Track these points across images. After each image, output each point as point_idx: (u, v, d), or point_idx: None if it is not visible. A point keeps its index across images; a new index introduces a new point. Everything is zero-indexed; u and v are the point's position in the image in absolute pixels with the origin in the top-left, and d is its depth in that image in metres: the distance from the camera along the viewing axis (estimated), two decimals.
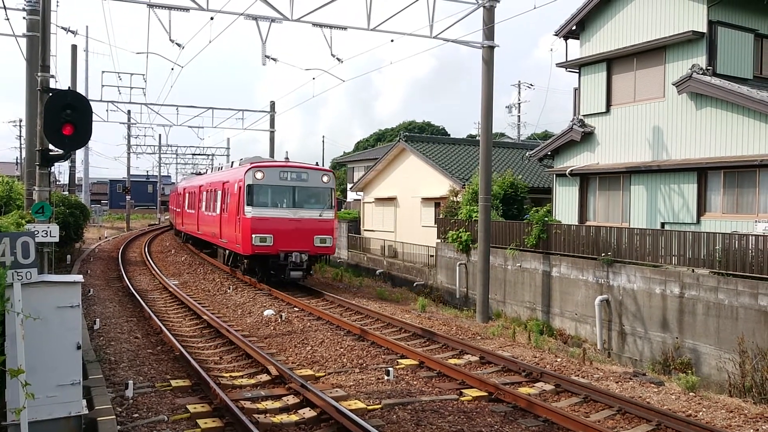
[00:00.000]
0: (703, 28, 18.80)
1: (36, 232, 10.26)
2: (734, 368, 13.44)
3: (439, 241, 25.82)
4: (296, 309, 16.65)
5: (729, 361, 13.81)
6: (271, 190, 19.80)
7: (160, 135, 62.58)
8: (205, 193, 27.99)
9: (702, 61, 18.76)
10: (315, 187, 20.23)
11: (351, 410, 8.39)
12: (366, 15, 17.43)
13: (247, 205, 19.44)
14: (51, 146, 10.70)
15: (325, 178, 20.34)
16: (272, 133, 39.44)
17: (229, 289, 20.23)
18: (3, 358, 5.96)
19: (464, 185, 27.06)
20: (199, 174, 40.68)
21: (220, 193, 23.91)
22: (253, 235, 19.15)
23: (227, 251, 23.53)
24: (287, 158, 22.23)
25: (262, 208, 19.51)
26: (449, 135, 64.15)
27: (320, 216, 19.96)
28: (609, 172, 21.60)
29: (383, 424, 8.30)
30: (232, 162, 26.18)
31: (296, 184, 19.91)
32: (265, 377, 10.27)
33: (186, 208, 34.68)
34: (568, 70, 23.62)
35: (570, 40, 23.36)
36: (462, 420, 8.61)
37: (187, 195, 34.79)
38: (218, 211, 23.94)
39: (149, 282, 21.92)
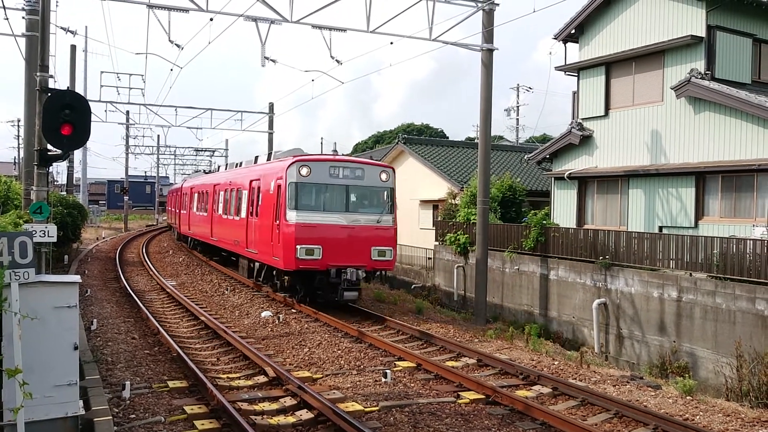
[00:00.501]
0: (701, 32, 18.84)
1: (34, 232, 10.26)
2: (731, 372, 13.45)
3: (437, 243, 25.83)
4: (293, 311, 16.63)
5: (726, 365, 13.81)
6: (320, 191, 16.30)
7: (158, 136, 62.41)
8: (222, 193, 24.12)
9: (700, 65, 18.81)
10: (372, 186, 16.72)
11: (348, 412, 8.39)
12: (365, 17, 17.45)
13: (291, 208, 15.84)
14: (49, 146, 10.68)
15: (383, 176, 16.86)
16: (271, 134, 39.44)
17: (227, 290, 20.20)
18: (0, 358, 5.95)
19: (462, 188, 27.08)
20: (207, 172, 36.75)
21: (245, 193, 20.18)
22: (298, 247, 15.46)
23: (256, 264, 19.57)
24: (336, 151, 18.52)
25: (309, 212, 15.88)
26: (448, 137, 64.18)
27: (379, 222, 16.44)
28: (607, 176, 21.62)
29: (380, 426, 8.29)
30: (257, 157, 22.23)
31: (350, 183, 16.37)
32: (262, 378, 10.25)
33: (194, 210, 30.65)
34: (567, 73, 23.66)
35: (569, 44, 23.40)
36: (459, 423, 8.60)
37: (195, 195, 30.99)
38: (243, 214, 20.24)
39: (147, 283, 21.89)
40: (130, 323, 14.74)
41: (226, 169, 28.05)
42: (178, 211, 37.90)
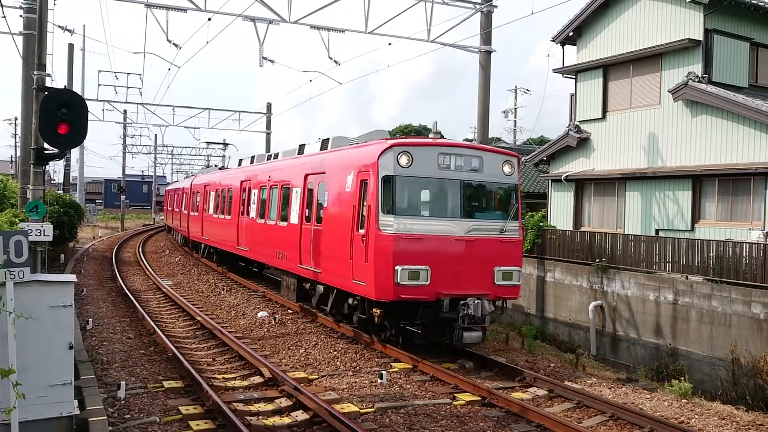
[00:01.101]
0: (699, 36, 18.89)
1: (29, 231, 10.22)
2: (727, 375, 13.47)
3: None
4: (290, 311, 16.61)
5: (722, 368, 13.84)
6: (426, 188, 11.96)
7: (156, 135, 62.53)
8: (255, 192, 19.55)
9: (698, 68, 18.85)
10: (493, 181, 12.33)
11: (344, 413, 8.37)
12: (364, 18, 17.45)
13: (386, 212, 11.32)
14: (46, 145, 10.66)
15: (507, 168, 12.39)
16: (268, 134, 39.42)
17: (223, 290, 20.17)
18: None
19: None
20: (223, 168, 32.25)
21: (298, 191, 15.60)
22: (399, 268, 10.97)
23: (319, 287, 14.64)
24: (439, 132, 13.24)
25: (412, 218, 11.41)
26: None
27: (503, 232, 12.01)
28: (604, 178, 21.66)
29: (376, 428, 8.28)
30: (302, 145, 17.43)
31: (465, 177, 11.96)
32: (258, 379, 10.23)
33: (211, 211, 25.64)
34: (565, 75, 23.70)
35: (567, 46, 23.45)
36: (455, 424, 8.60)
37: (212, 194, 26.00)
38: (294, 219, 15.53)
39: (143, 282, 21.85)
40: (126, 323, 14.71)
41: (252, 162, 22.63)
42: (186, 212, 32.22)
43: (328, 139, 15.61)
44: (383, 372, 10.61)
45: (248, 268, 23.08)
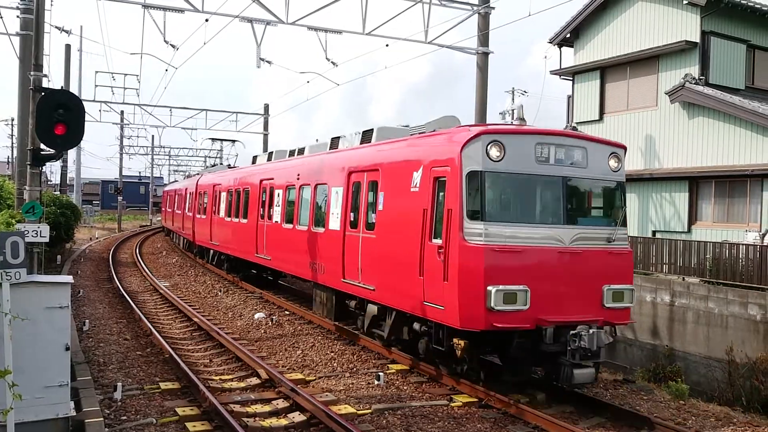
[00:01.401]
0: (696, 38, 18.94)
1: (26, 232, 10.20)
2: (723, 376, 13.50)
3: None
4: (287, 312, 16.60)
5: (718, 370, 13.86)
6: (522, 187, 9.80)
7: (153, 136, 62.54)
8: (279, 192, 17.15)
9: (695, 70, 18.89)
10: (599, 178, 10.22)
11: (341, 415, 8.37)
12: (361, 19, 17.47)
13: (472, 218, 9.19)
14: (43, 146, 10.65)
15: (613, 162, 10.32)
16: (266, 135, 39.41)
17: (220, 291, 20.15)
18: None
19: None
20: (232, 167, 29.47)
21: (339, 192, 13.24)
22: (492, 289, 8.83)
23: (371, 306, 11.98)
24: (523, 118, 10.67)
25: (504, 225, 9.33)
26: None
27: (610, 242, 9.96)
28: None
29: (373, 429, 8.28)
30: (336, 139, 15.09)
31: (568, 173, 9.83)
32: (254, 380, 10.22)
33: (222, 214, 23.06)
34: (562, 77, 23.74)
35: (564, 48, 23.51)
36: (452, 426, 8.60)
37: (222, 195, 23.50)
38: (335, 225, 13.19)
39: (140, 284, 21.81)
40: (123, 324, 14.69)
41: (270, 159, 20.32)
42: (190, 214, 29.64)
43: (372, 129, 13.40)
44: (380, 373, 10.60)
45: (261, 276, 20.61)
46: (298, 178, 15.85)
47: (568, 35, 22.99)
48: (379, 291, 11.30)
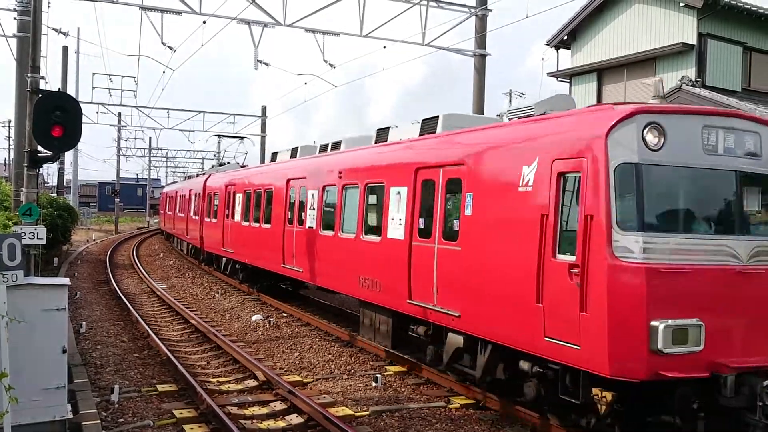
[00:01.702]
0: (693, 40, 18.99)
1: (23, 234, 10.18)
2: None
3: None
4: (284, 314, 16.58)
5: None
6: (688, 186, 7.46)
7: (150, 138, 62.30)
8: (313, 194, 14.53)
9: (692, 72, 18.94)
10: None
11: (338, 417, 8.36)
12: (359, 21, 17.49)
13: (626, 228, 6.80)
14: (40, 148, 10.63)
15: None
16: (263, 137, 39.43)
17: (218, 293, 20.13)
18: None
19: None
20: (243, 166, 27.03)
21: (401, 193, 10.84)
22: (658, 325, 6.57)
23: (455, 336, 9.35)
24: (663, 95, 7.98)
25: (670, 236, 6.95)
26: None
27: None
28: None
29: (371, 431, 8.28)
30: (383, 130, 13.08)
31: (742, 167, 7.47)
32: (252, 383, 10.21)
33: (240, 219, 20.09)
34: (559, 79, 23.79)
35: (561, 50, 23.55)
36: (450, 427, 8.60)
37: (236, 197, 20.85)
38: (396, 233, 10.88)
39: (137, 285, 21.79)
40: (120, 326, 14.66)
41: (295, 156, 17.73)
42: (196, 218, 26.86)
43: (436, 117, 11.16)
44: (378, 375, 10.60)
45: (278, 285, 18.76)
46: (340, 177, 13.33)
47: (566, 37, 23.04)
48: (466, 318, 8.92)
